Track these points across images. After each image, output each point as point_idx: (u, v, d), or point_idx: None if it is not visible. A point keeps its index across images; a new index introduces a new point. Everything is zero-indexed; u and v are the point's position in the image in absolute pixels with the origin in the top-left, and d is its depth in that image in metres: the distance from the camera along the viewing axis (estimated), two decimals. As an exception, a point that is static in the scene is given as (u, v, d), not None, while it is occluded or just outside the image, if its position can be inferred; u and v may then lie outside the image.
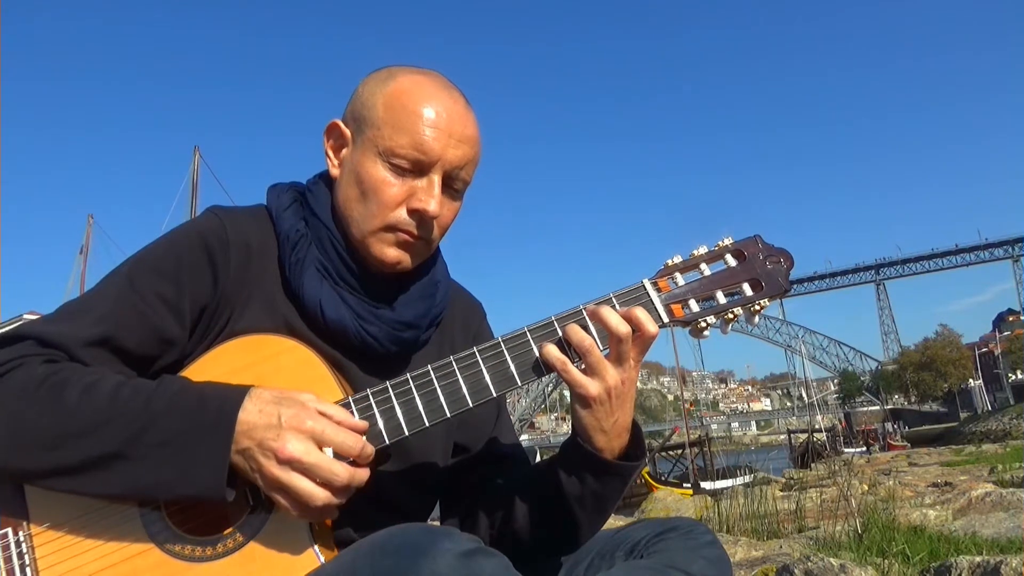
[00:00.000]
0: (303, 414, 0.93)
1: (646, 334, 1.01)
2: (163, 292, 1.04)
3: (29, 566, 0.95)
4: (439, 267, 1.21)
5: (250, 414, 0.92)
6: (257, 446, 0.91)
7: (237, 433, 0.91)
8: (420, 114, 1.06)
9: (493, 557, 0.82)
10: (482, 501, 1.18)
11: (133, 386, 0.96)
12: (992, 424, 48.32)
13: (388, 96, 1.08)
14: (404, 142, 1.05)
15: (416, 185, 1.07)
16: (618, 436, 1.05)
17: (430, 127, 1.05)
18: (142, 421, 0.92)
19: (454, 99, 1.10)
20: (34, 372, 0.94)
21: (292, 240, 1.10)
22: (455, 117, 1.08)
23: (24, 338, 0.98)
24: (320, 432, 0.92)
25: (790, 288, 1.08)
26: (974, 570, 2.56)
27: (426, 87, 1.09)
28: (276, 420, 0.92)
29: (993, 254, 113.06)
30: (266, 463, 0.91)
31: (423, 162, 1.06)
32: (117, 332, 1.01)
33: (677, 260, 1.08)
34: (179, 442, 0.91)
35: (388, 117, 1.06)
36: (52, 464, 0.91)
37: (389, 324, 1.10)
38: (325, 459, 0.92)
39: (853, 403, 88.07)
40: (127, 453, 0.91)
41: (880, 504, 4.58)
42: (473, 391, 1.02)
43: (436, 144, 1.05)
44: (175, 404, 0.93)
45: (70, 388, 0.93)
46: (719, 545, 1.05)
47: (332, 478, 0.91)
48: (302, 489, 0.91)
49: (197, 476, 0.91)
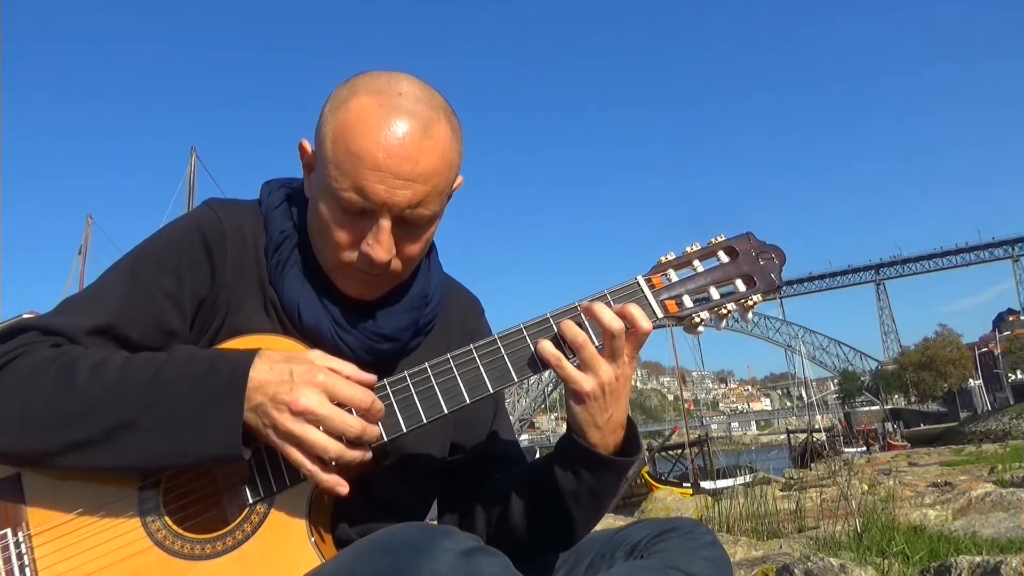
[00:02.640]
0: (314, 369, 0.94)
1: (640, 330, 1.02)
2: (164, 285, 1.05)
3: (28, 566, 0.95)
4: (431, 275, 1.19)
5: (261, 372, 0.93)
6: (270, 400, 0.92)
7: (249, 390, 0.92)
8: (361, 156, 0.98)
9: (493, 556, 0.82)
10: (479, 499, 1.18)
11: (143, 358, 0.97)
12: (992, 424, 48.34)
13: (335, 130, 1.00)
14: (347, 185, 0.99)
15: (366, 227, 1.02)
16: (613, 432, 1.05)
17: (371, 169, 0.98)
18: (154, 389, 0.93)
19: (404, 131, 0.99)
20: (41, 356, 0.95)
21: (276, 241, 1.11)
22: (402, 155, 0.98)
23: (27, 329, 0.99)
24: (332, 385, 0.94)
25: (782, 284, 1.09)
26: (974, 570, 2.56)
27: (372, 119, 0.99)
28: (288, 375, 0.93)
29: (993, 254, 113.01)
30: (279, 416, 0.92)
31: (367, 208, 1.00)
32: (120, 323, 1.02)
33: (671, 257, 1.09)
34: (192, 406, 0.92)
35: (334, 156, 1.00)
36: (67, 440, 0.92)
37: (366, 335, 1.10)
38: (338, 411, 0.93)
39: (853, 403, 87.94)
40: (140, 422, 0.92)
41: (880, 504, 4.58)
42: (470, 388, 1.02)
43: (379, 188, 0.98)
44: (186, 370, 0.94)
45: (79, 366, 0.94)
46: (719, 545, 1.05)
47: (345, 429, 0.93)
48: (316, 440, 0.92)
49: (212, 436, 0.92)
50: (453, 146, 1.05)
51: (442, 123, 1.03)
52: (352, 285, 1.08)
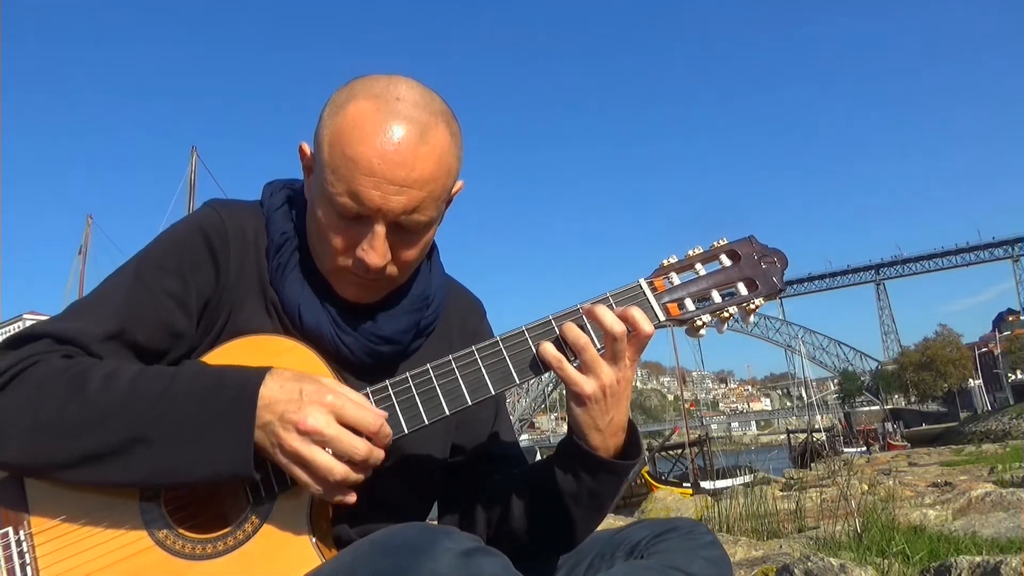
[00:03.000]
0: (324, 389, 0.94)
1: (641, 333, 1.02)
2: (170, 287, 1.05)
3: (30, 565, 0.95)
4: (433, 276, 1.19)
5: (271, 390, 0.93)
6: (278, 419, 0.92)
7: (259, 408, 0.92)
8: (356, 161, 0.98)
9: (493, 556, 0.82)
10: (479, 500, 1.18)
11: (153, 371, 0.97)
12: (992, 424, 48.34)
13: (332, 134, 1.00)
14: (342, 190, 0.99)
15: (362, 232, 1.02)
16: (614, 435, 1.05)
17: (366, 175, 0.97)
18: (164, 404, 0.92)
19: (400, 136, 0.98)
20: (53, 366, 0.95)
21: (277, 243, 1.11)
22: (397, 161, 0.98)
23: (39, 337, 0.99)
24: (340, 407, 0.93)
25: (784, 287, 1.09)
26: (974, 570, 2.56)
27: (369, 123, 0.98)
28: (297, 395, 0.93)
29: (993, 254, 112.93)
30: (286, 435, 0.92)
31: (362, 213, 1.00)
32: (129, 327, 1.02)
33: (673, 260, 1.09)
34: (202, 421, 0.92)
35: (330, 160, 1.00)
36: (78, 453, 0.92)
37: (366, 337, 1.10)
38: (345, 432, 0.93)
39: (853, 403, 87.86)
40: (151, 436, 0.92)
41: (880, 504, 4.58)
42: (472, 389, 1.02)
43: (374, 194, 0.98)
44: (196, 386, 0.94)
45: (91, 378, 0.94)
46: (719, 545, 1.05)
47: (352, 452, 0.92)
48: (321, 462, 0.92)
49: (222, 454, 0.91)
50: (451, 151, 1.04)
51: (440, 128, 1.02)
52: (349, 289, 1.08)
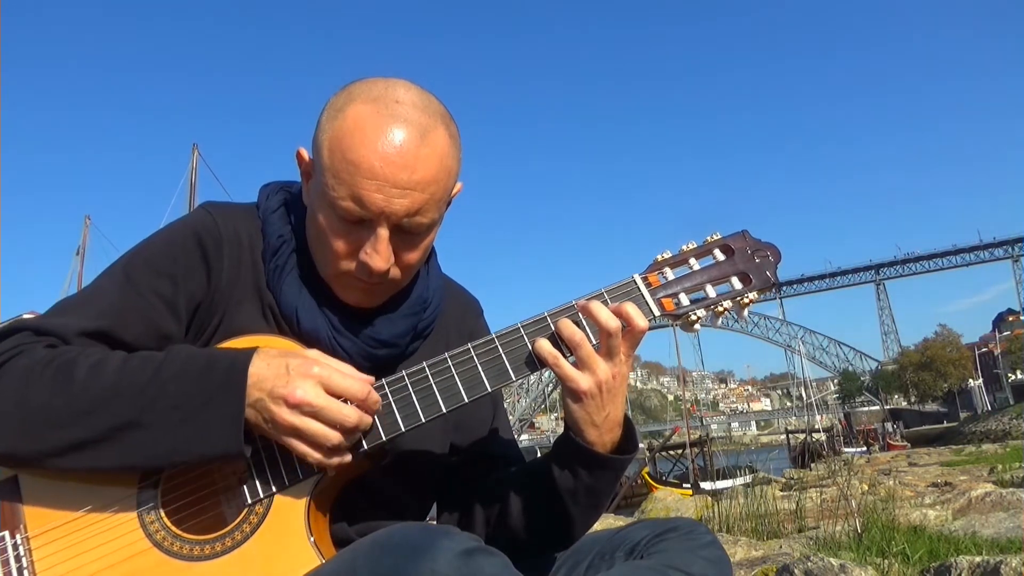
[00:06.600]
0: (309, 362, 0.96)
1: (636, 328, 1.02)
2: (160, 289, 1.05)
3: (27, 568, 0.95)
4: (431, 279, 1.19)
5: (259, 368, 0.94)
6: (268, 395, 0.93)
7: (248, 386, 0.93)
8: (358, 165, 0.98)
9: (493, 556, 0.82)
10: (478, 499, 1.18)
11: (140, 357, 0.97)
12: (992, 424, 48.26)
13: (332, 139, 1.00)
14: (343, 194, 0.99)
15: (364, 236, 1.02)
16: (610, 430, 1.06)
17: (368, 178, 0.97)
18: (153, 388, 0.93)
19: (401, 139, 0.98)
20: (37, 356, 0.95)
21: (274, 246, 1.11)
22: (399, 164, 0.98)
23: (20, 330, 0.99)
24: (327, 377, 0.95)
25: (778, 281, 1.10)
26: (974, 570, 2.56)
27: (369, 127, 0.99)
28: (284, 369, 0.94)
29: (993, 254, 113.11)
30: (277, 410, 0.93)
31: (365, 217, 1.00)
32: (114, 326, 1.02)
33: (667, 255, 1.10)
34: (192, 403, 0.93)
35: (331, 164, 1.00)
36: (68, 441, 0.92)
37: (364, 341, 1.10)
38: (334, 401, 0.95)
39: (853, 403, 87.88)
40: (142, 421, 0.92)
41: (880, 504, 4.58)
42: (468, 387, 1.02)
43: (376, 197, 0.98)
44: (185, 369, 0.95)
45: (77, 366, 0.94)
46: (719, 545, 1.05)
47: (343, 419, 0.94)
48: (315, 431, 0.93)
49: (213, 433, 0.92)
50: (451, 153, 1.05)
51: (440, 130, 1.03)
52: (351, 294, 1.08)
